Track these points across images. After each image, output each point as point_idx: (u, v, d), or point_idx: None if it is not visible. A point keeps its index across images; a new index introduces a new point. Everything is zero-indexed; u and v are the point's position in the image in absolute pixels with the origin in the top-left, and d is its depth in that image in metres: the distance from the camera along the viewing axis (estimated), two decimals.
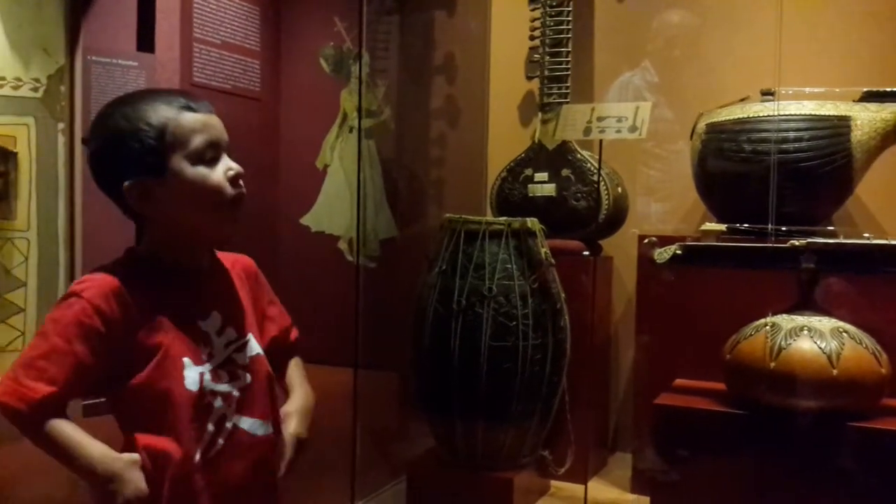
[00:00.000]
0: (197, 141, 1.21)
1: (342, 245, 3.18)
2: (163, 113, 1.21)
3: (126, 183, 1.20)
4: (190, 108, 1.23)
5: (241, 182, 1.28)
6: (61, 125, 3.49)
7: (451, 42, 3.38)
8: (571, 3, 2.83)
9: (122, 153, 1.20)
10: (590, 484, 2.58)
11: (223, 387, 1.25)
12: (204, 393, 1.23)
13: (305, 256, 3.17)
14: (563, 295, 2.44)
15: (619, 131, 2.29)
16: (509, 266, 2.38)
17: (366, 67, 3.43)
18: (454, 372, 2.33)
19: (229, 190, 1.24)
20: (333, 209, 3.19)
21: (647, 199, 3.00)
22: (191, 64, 3.99)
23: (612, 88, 3.04)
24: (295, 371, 1.47)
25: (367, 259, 2.95)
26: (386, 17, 3.46)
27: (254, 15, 4.32)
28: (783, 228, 2.12)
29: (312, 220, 3.26)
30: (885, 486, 1.93)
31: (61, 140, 3.53)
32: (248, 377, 1.29)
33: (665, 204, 3.00)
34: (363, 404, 2.24)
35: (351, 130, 3.23)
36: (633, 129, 2.27)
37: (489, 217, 2.77)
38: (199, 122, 1.23)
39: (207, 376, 1.24)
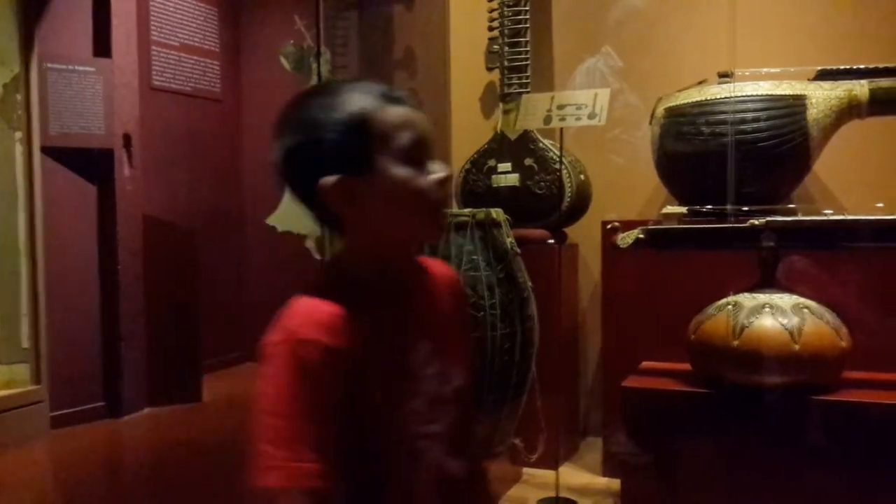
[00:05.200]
0: (404, 137, 1.06)
1: (309, 244, 3.18)
2: (366, 103, 1.06)
3: (324, 180, 1.03)
4: (395, 100, 1.08)
5: (447, 186, 1.11)
6: (19, 134, 3.44)
7: (411, 36, 3.38)
8: None
9: (321, 147, 1.04)
10: (562, 469, 2.60)
11: (432, 427, 1.10)
12: (413, 433, 1.08)
13: (272, 257, 3.16)
14: (529, 284, 2.45)
15: (578, 119, 2.30)
16: (475, 257, 2.38)
17: (326, 64, 3.41)
18: None
19: (436, 193, 1.08)
20: (298, 209, 3.17)
21: (611, 186, 3.02)
22: (149, 67, 3.97)
23: (576, 75, 3.05)
24: None
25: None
26: (345, 13, 3.45)
27: (212, 16, 4.30)
28: (743, 208, 2.14)
29: (278, 220, 3.25)
30: (849, 457, 1.96)
31: (19, 149, 3.48)
32: (453, 413, 1.13)
33: (629, 189, 3.02)
34: None
35: None
36: (592, 115, 2.28)
37: (454, 209, 2.77)
38: (406, 117, 1.07)
39: (417, 413, 1.08)
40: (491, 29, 2.97)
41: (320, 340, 0.98)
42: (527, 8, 2.83)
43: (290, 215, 3.19)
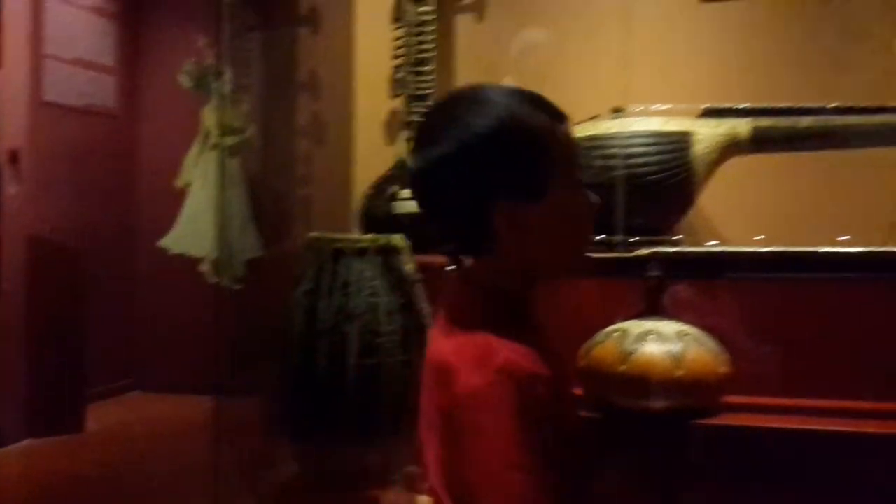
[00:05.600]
0: (576, 159, 0.99)
1: (205, 267, 3.11)
2: (541, 121, 0.96)
3: (499, 205, 0.93)
4: (562, 116, 0.98)
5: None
6: None
7: (316, 59, 3.37)
8: (435, 23, 2.88)
9: (493, 169, 0.93)
10: None
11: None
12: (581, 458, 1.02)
13: (165, 280, 3.07)
14: (429, 311, 2.47)
15: None
16: (375, 283, 2.38)
17: (228, 84, 3.37)
18: (321, 392, 2.31)
19: (593, 222, 1.02)
20: (195, 230, 3.11)
21: None
22: (41, 81, 3.83)
23: None
24: None
25: (232, 280, 2.89)
26: (248, 33, 3.42)
27: (110, 30, 4.18)
28: (631, 239, 2.22)
29: (172, 241, 3.17)
30: (729, 480, 2.05)
31: None
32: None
33: None
34: (226, 432, 2.19)
35: (213, 148, 3.16)
36: None
37: (355, 234, 2.77)
38: (572, 135, 0.99)
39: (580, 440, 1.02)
40: (396, 56, 3.00)
41: (541, 373, 0.89)
42: (433, 37, 2.88)
43: (184, 237, 3.13)
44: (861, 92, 2.57)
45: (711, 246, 2.24)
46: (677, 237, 2.44)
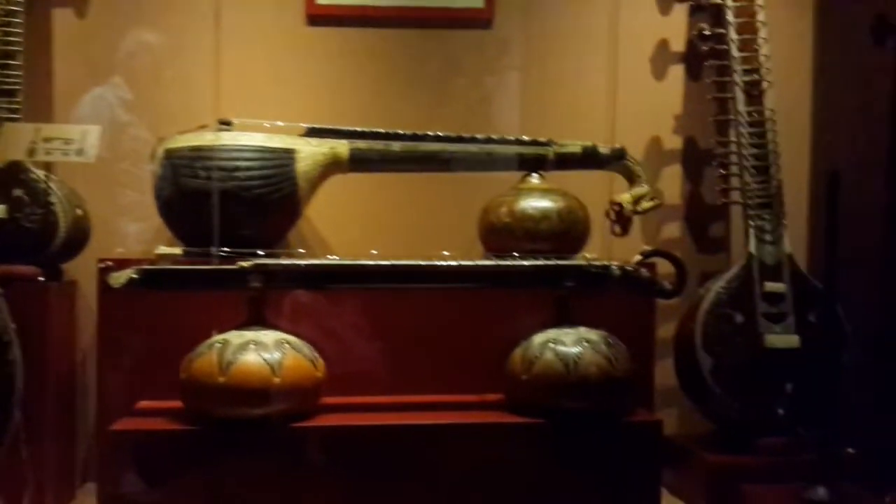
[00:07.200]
0: None
1: None
2: None
3: None
4: None
5: None
6: None
7: None
8: (22, 15, 2.64)
9: None
10: None
11: None
12: None
13: None
14: (12, 326, 2.27)
15: (66, 154, 2.22)
16: None
17: None
18: None
19: None
20: None
21: (119, 221, 2.94)
22: None
23: (82, 105, 2.92)
24: None
25: None
26: None
27: None
28: (234, 251, 2.27)
29: None
30: (328, 476, 2.20)
31: None
32: None
33: (139, 225, 2.97)
34: None
35: None
36: (80, 152, 2.22)
37: None
38: None
39: None
40: None
41: None
42: (19, 31, 2.63)
43: None
44: (459, 121, 2.91)
45: (310, 258, 2.38)
46: (283, 250, 2.53)
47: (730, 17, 2.76)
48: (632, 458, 2.29)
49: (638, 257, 2.40)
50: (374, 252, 2.39)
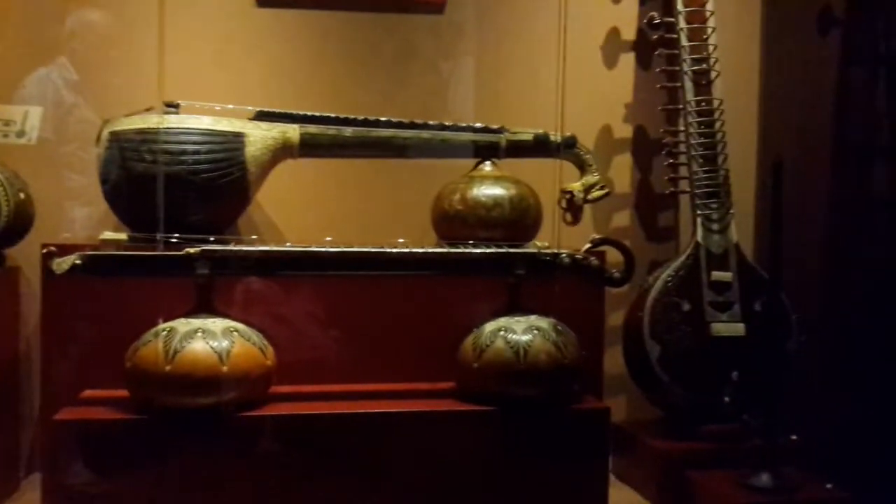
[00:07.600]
0: None
1: None
2: None
3: None
4: None
5: None
6: None
7: None
8: None
9: None
10: None
11: None
12: None
13: None
14: None
15: (6, 136, 2.15)
16: None
17: None
18: None
19: None
20: None
21: (65, 205, 2.87)
22: None
23: (26, 84, 2.83)
24: None
25: None
26: None
27: None
28: (181, 237, 2.22)
29: None
30: (278, 466, 2.18)
31: None
32: None
33: (86, 210, 2.91)
34: None
35: None
36: (21, 133, 2.16)
37: None
38: None
39: None
40: None
41: None
42: None
43: None
44: (413, 106, 2.89)
45: (260, 245, 2.35)
46: (233, 237, 2.49)
47: (679, 6, 2.79)
48: (581, 444, 2.31)
49: (587, 245, 2.41)
50: (329, 239, 2.36)
